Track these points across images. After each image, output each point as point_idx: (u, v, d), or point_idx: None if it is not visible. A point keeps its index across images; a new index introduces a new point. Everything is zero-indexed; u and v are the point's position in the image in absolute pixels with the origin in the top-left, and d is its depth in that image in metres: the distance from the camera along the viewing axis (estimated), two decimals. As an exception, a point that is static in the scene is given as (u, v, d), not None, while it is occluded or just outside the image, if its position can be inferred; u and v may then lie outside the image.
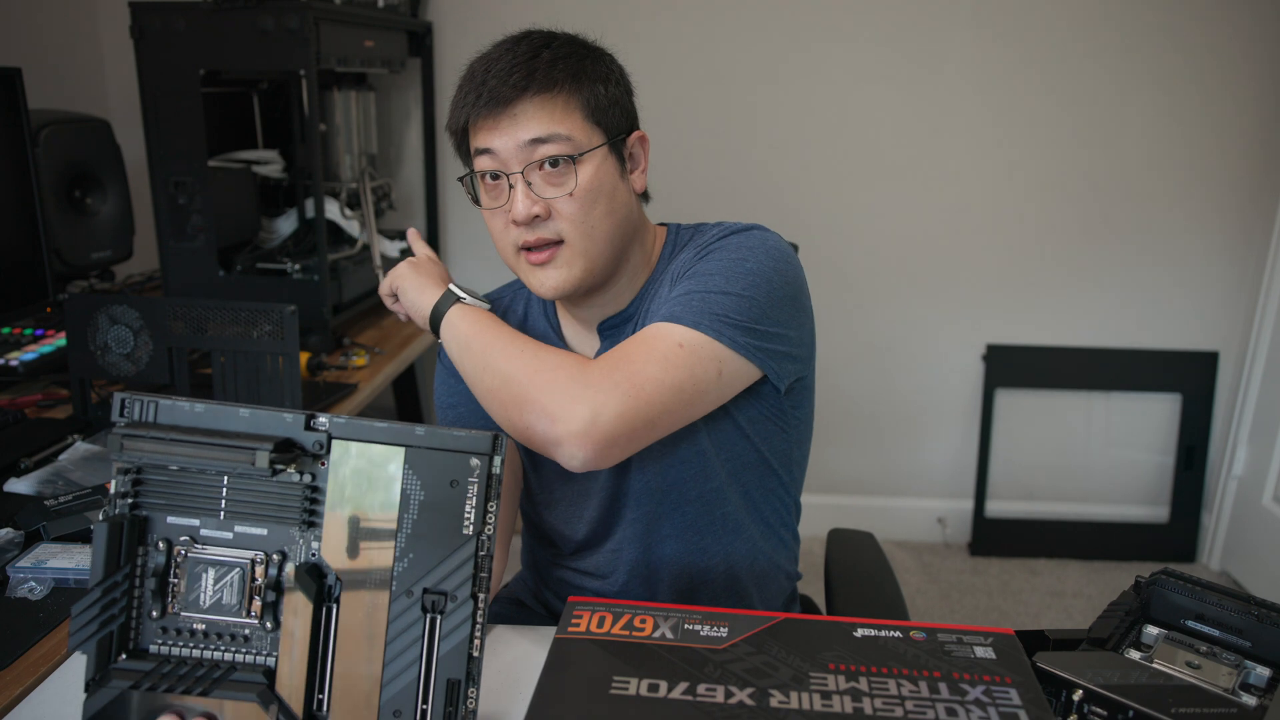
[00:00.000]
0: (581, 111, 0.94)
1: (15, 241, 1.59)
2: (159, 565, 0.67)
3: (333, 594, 0.67)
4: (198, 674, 0.67)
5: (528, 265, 0.97)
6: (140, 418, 0.66)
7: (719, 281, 0.92)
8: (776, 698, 0.65)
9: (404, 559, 0.65)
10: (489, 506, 0.65)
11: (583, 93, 0.94)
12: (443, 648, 0.65)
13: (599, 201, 0.94)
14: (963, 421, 2.67)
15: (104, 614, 0.66)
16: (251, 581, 0.67)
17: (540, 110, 0.92)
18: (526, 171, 0.92)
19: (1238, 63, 2.37)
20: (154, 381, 1.33)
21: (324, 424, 0.66)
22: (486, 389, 0.92)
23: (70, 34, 2.32)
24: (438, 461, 0.65)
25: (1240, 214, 2.47)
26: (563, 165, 0.93)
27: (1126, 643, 0.76)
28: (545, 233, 0.94)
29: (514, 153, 0.92)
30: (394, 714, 0.66)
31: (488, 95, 0.92)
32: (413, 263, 1.07)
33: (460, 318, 0.97)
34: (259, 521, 0.67)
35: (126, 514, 0.66)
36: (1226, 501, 2.55)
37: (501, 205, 0.95)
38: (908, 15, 2.39)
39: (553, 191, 0.93)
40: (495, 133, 0.93)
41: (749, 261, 0.94)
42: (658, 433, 0.89)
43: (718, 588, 1.05)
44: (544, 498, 1.09)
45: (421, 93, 2.49)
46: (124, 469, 0.66)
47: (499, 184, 0.95)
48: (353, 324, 2.09)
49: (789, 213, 2.52)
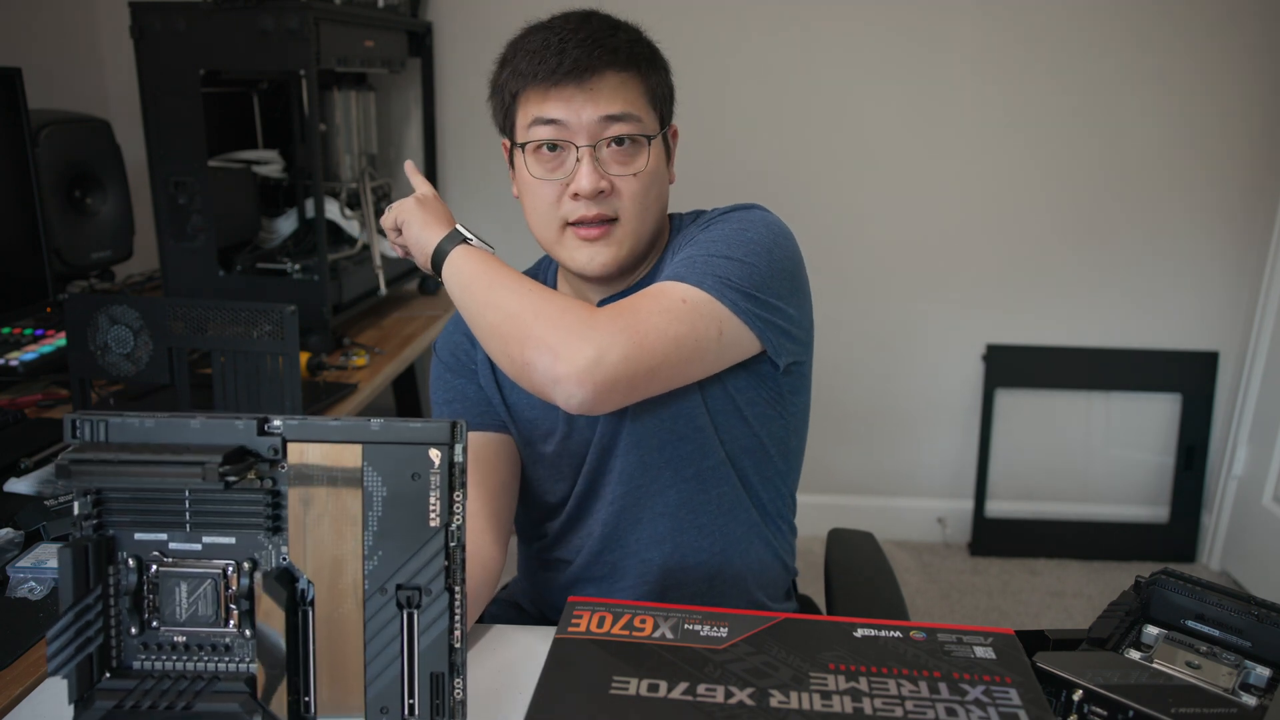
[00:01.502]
0: (648, 96, 0.97)
1: (15, 241, 1.59)
2: (131, 583, 0.66)
3: (306, 597, 0.66)
4: (180, 688, 0.66)
5: (576, 240, 0.97)
6: (92, 437, 0.65)
7: (721, 247, 0.94)
8: (776, 698, 0.65)
9: (373, 557, 0.65)
10: (454, 496, 0.64)
11: (651, 78, 0.97)
12: (423, 642, 0.65)
13: (654, 185, 0.97)
14: (962, 421, 2.67)
15: (79, 637, 0.65)
16: (226, 591, 0.66)
17: (620, 87, 0.94)
18: (597, 147, 0.93)
19: (1238, 63, 2.37)
20: (154, 381, 1.33)
21: (277, 427, 0.65)
22: (488, 325, 0.91)
23: (70, 34, 2.32)
24: (397, 455, 0.64)
25: (1240, 214, 2.47)
26: (629, 145, 0.95)
27: (1126, 643, 0.76)
28: (604, 209, 0.95)
29: (585, 126, 0.93)
30: (381, 710, 0.66)
31: (570, 63, 0.91)
32: (419, 199, 1.05)
33: (465, 257, 0.96)
34: (225, 531, 0.66)
35: (91, 536, 0.65)
36: (1226, 501, 2.55)
37: (558, 177, 0.95)
38: (909, 15, 2.39)
39: (619, 169, 0.95)
40: (567, 104, 0.93)
41: (749, 232, 0.96)
42: (657, 384, 0.89)
43: (711, 569, 1.05)
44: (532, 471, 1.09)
45: (421, 93, 2.49)
46: (85, 490, 0.65)
47: (558, 155, 0.95)
48: (353, 324, 2.09)
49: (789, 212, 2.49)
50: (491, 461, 1.04)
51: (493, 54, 1.01)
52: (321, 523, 0.65)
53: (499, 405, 1.06)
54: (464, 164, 2.59)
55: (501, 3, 2.41)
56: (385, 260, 2.06)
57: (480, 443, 1.04)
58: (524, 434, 1.07)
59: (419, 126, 2.54)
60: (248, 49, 1.75)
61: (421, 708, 0.65)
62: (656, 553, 1.05)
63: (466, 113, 2.54)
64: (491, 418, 1.06)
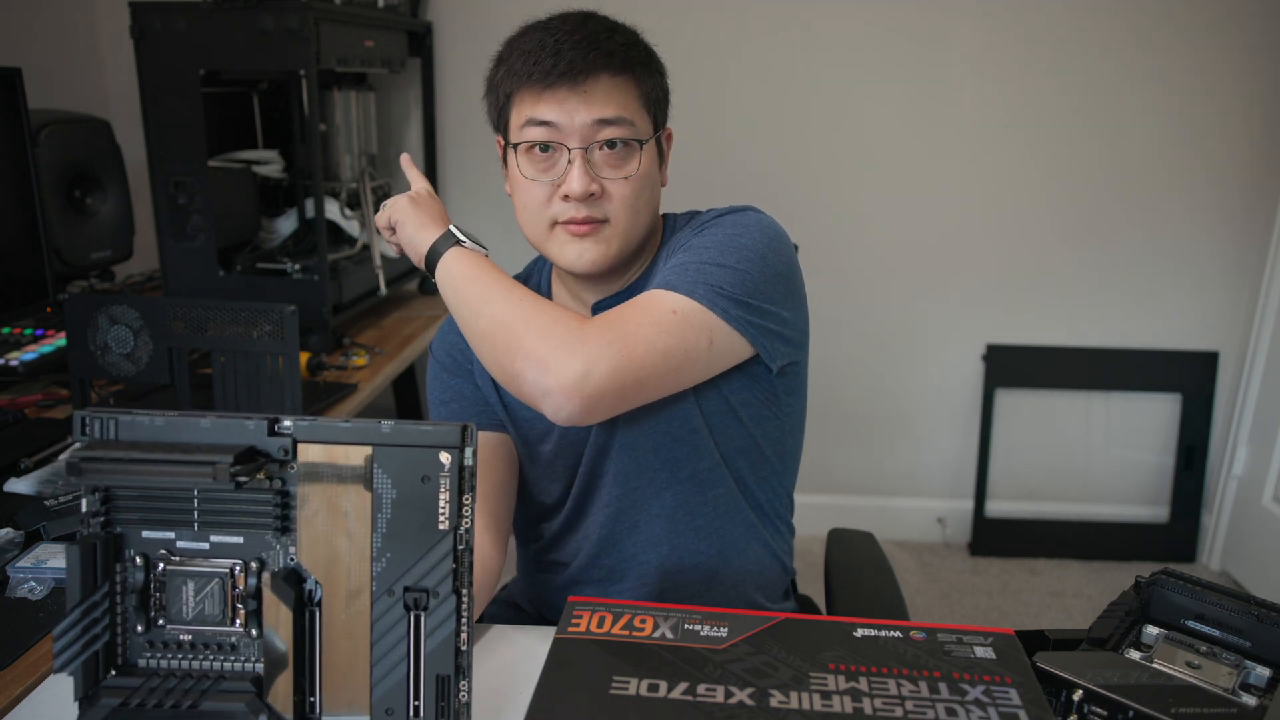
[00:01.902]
0: (642, 99, 0.97)
1: (15, 241, 1.59)
2: (138, 581, 0.66)
3: (313, 598, 0.66)
4: (185, 687, 0.66)
5: (565, 236, 0.97)
6: (101, 435, 0.65)
7: (714, 254, 0.93)
8: (776, 698, 0.65)
9: (381, 559, 0.65)
10: (464, 500, 0.64)
11: (646, 81, 0.97)
12: (429, 644, 0.65)
13: (646, 189, 0.97)
14: (962, 421, 2.67)
15: (86, 634, 0.65)
16: (233, 590, 0.66)
17: (614, 90, 0.94)
18: (590, 150, 0.93)
19: (1238, 63, 2.37)
20: (154, 382, 1.33)
21: (288, 428, 0.64)
22: (480, 332, 0.91)
23: (70, 34, 2.32)
24: (407, 458, 0.64)
25: (1240, 214, 2.47)
26: (622, 149, 0.95)
27: (1126, 643, 0.76)
28: (594, 211, 0.95)
29: (578, 129, 0.93)
30: (386, 712, 0.66)
31: (565, 65, 0.91)
32: (413, 198, 1.04)
33: (458, 260, 0.96)
34: (234, 530, 0.66)
35: (99, 534, 0.65)
36: (1226, 501, 2.55)
37: (549, 178, 0.95)
38: (908, 14, 2.39)
39: (610, 173, 0.95)
40: (560, 106, 0.93)
41: (743, 238, 0.95)
42: (645, 394, 0.90)
43: (708, 571, 1.05)
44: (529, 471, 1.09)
45: (421, 93, 2.49)
46: (93, 487, 0.65)
47: (549, 156, 0.95)
48: (353, 324, 2.09)
49: (788, 213, 2.50)
50: (490, 462, 1.04)
51: (492, 54, 1.01)
52: (330, 524, 0.65)
53: (496, 405, 1.06)
54: (464, 164, 2.59)
55: (501, 3, 2.41)
56: (385, 260, 2.06)
57: (478, 443, 1.04)
58: (521, 434, 1.07)
59: (419, 126, 2.54)
60: (248, 49, 1.75)
61: (427, 710, 0.65)
62: (654, 555, 1.05)
63: (466, 113, 2.54)
64: (489, 418, 1.06)
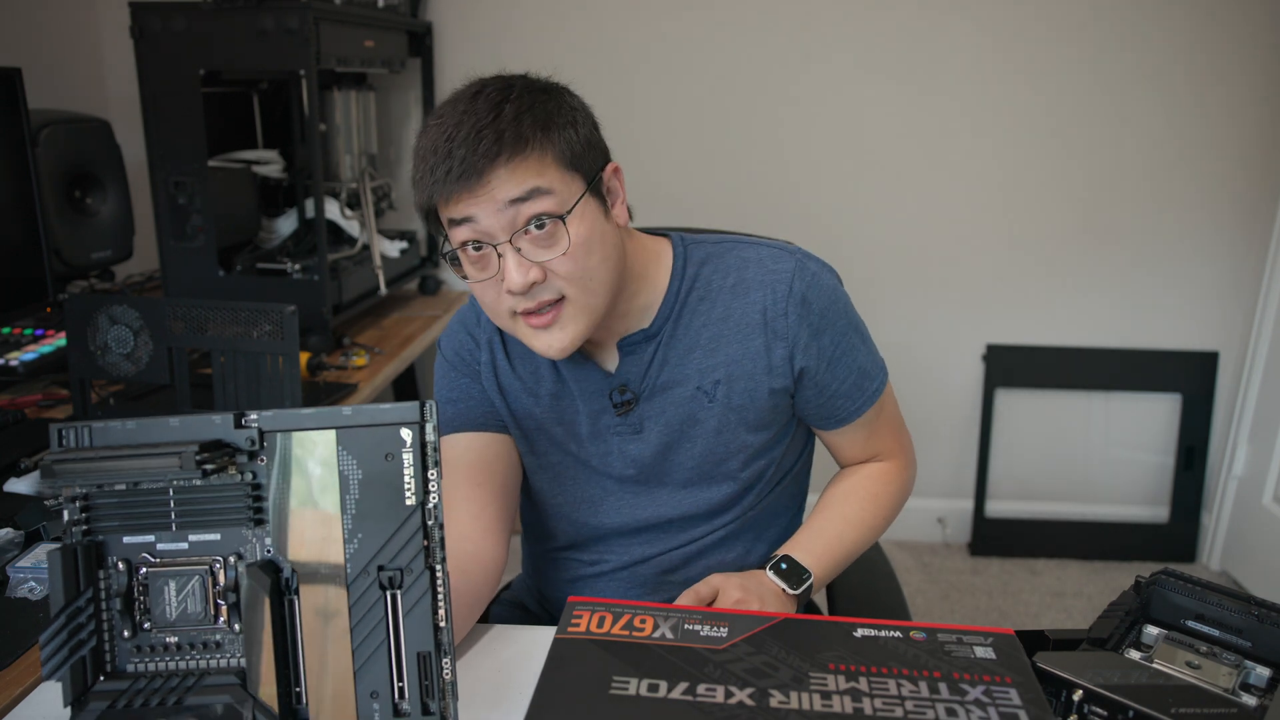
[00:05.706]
0: (558, 163, 0.89)
1: (15, 241, 1.59)
2: (122, 585, 0.67)
3: (290, 586, 0.67)
4: (170, 685, 0.67)
5: (528, 329, 0.93)
6: (77, 443, 0.67)
7: (856, 340, 1.04)
8: (776, 698, 0.65)
9: (353, 540, 0.66)
10: (429, 475, 0.65)
11: (555, 143, 0.89)
12: (407, 623, 0.66)
13: (593, 251, 0.90)
14: (962, 421, 2.67)
15: (72, 640, 0.66)
16: (214, 586, 0.67)
17: (516, 171, 0.86)
18: (514, 239, 0.87)
19: (1238, 63, 2.37)
20: (154, 381, 1.33)
21: (254, 420, 0.67)
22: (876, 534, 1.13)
23: (70, 34, 2.32)
24: (369, 438, 0.65)
25: (1240, 214, 2.47)
26: (550, 225, 0.88)
27: (1126, 643, 0.76)
28: (545, 295, 0.90)
29: (496, 219, 0.87)
30: (371, 695, 0.66)
31: (459, 168, 0.85)
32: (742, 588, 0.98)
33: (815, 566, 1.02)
34: (210, 527, 0.68)
35: (81, 540, 0.67)
36: (1226, 501, 2.55)
37: (491, 276, 0.90)
38: (906, 15, 2.39)
39: (545, 254, 0.88)
40: (472, 201, 0.87)
41: (852, 313, 1.04)
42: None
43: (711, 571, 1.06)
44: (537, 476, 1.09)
45: (421, 93, 2.48)
46: (72, 496, 0.67)
47: (484, 254, 0.89)
48: (353, 324, 2.09)
49: (789, 213, 2.52)
50: (493, 463, 1.04)
51: (493, 54, 1.00)
52: (302, 510, 0.67)
53: (501, 408, 1.06)
54: (464, 164, 2.58)
55: (501, 3, 2.41)
56: (385, 260, 2.06)
57: (482, 444, 1.04)
58: (528, 440, 1.07)
59: (419, 127, 2.53)
60: (248, 49, 1.75)
61: (411, 689, 0.66)
62: (665, 558, 1.06)
63: (466, 113, 2.53)
64: (494, 419, 1.06)
